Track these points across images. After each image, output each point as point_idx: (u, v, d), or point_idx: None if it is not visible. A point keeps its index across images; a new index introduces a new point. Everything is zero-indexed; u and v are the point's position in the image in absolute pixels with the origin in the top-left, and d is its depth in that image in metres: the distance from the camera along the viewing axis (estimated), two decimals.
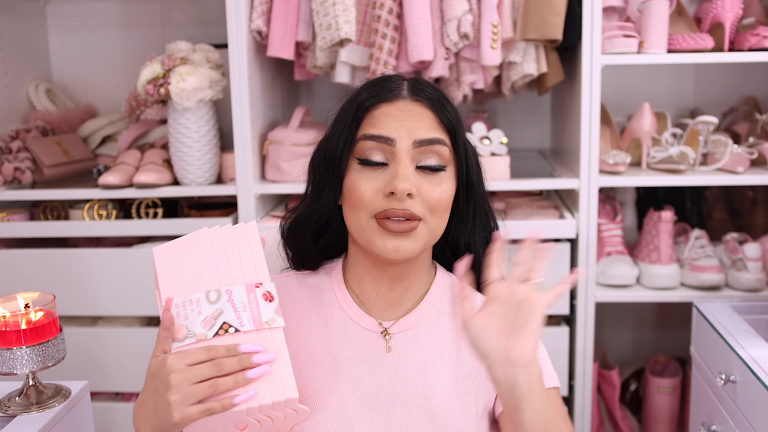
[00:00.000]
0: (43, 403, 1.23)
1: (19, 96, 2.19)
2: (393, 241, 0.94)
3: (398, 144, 0.95)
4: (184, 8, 2.27)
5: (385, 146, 0.95)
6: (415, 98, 0.98)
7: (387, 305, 1.03)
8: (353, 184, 0.96)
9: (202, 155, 1.87)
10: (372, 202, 0.94)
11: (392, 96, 0.98)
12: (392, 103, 0.98)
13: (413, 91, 0.99)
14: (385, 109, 0.97)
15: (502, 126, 2.26)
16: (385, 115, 0.97)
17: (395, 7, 1.79)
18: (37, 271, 1.89)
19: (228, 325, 0.88)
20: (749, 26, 1.84)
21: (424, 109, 0.98)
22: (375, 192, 0.94)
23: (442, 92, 1.01)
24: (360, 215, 0.96)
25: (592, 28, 1.73)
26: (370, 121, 0.97)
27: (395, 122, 0.96)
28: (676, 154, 1.86)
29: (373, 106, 0.98)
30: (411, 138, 0.95)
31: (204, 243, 0.93)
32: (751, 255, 1.80)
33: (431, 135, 0.96)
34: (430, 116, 0.98)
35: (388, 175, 0.94)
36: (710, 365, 1.60)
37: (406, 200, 0.93)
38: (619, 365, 2.16)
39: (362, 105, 0.98)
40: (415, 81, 1.01)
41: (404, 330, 1.02)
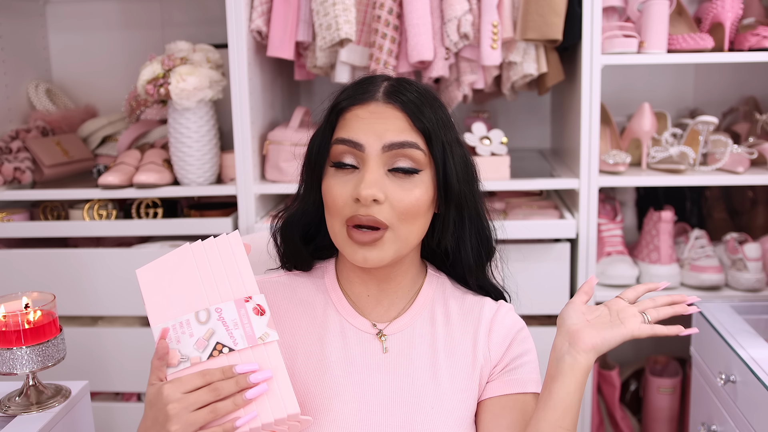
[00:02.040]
0: (43, 403, 1.23)
1: (19, 96, 2.19)
2: (361, 250, 0.94)
3: (367, 149, 0.94)
4: (184, 8, 2.27)
5: (355, 151, 0.94)
6: (388, 101, 0.96)
7: (378, 306, 1.03)
8: (327, 188, 0.96)
9: (202, 155, 1.87)
10: (343, 207, 0.94)
11: (365, 98, 0.97)
12: (364, 106, 0.96)
13: (388, 94, 0.97)
14: (357, 112, 0.96)
15: (502, 126, 2.26)
16: (355, 118, 0.96)
17: (395, 7, 1.79)
18: (37, 271, 1.89)
19: (221, 345, 0.86)
20: (749, 26, 1.84)
21: (396, 111, 0.96)
22: (346, 196, 0.94)
23: (425, 94, 0.98)
24: (334, 221, 0.96)
25: (592, 28, 1.73)
26: (343, 123, 0.97)
27: (365, 126, 0.95)
28: (676, 154, 1.86)
29: (345, 108, 0.97)
30: (380, 142, 0.94)
31: (187, 260, 0.90)
32: (751, 255, 1.80)
33: (401, 138, 0.94)
34: (402, 119, 0.95)
35: (357, 180, 0.94)
36: (710, 365, 1.60)
37: (371, 206, 0.92)
38: (619, 365, 2.16)
39: (335, 107, 0.98)
40: (395, 83, 0.99)
41: (399, 331, 1.02)
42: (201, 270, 0.90)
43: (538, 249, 1.82)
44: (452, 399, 0.98)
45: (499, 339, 1.03)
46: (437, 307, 1.05)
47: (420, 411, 0.96)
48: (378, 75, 1.02)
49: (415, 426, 0.95)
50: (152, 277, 0.90)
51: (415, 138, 0.95)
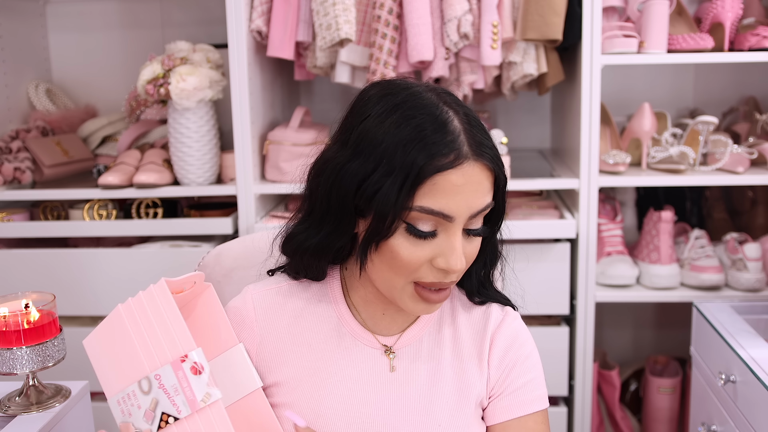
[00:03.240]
0: (43, 403, 1.23)
1: (19, 96, 2.19)
2: (427, 305, 0.91)
3: (456, 220, 0.85)
4: (184, 8, 2.27)
5: (440, 220, 0.85)
6: (478, 158, 0.85)
7: (393, 323, 1.00)
8: (398, 248, 0.86)
9: (202, 155, 1.87)
10: (416, 270, 0.88)
11: (456, 158, 0.83)
12: (458, 169, 0.83)
13: (475, 147, 0.85)
14: (451, 178, 0.83)
15: (502, 126, 2.26)
16: (449, 186, 0.83)
17: (395, 7, 1.79)
18: (37, 271, 1.89)
19: (167, 415, 0.82)
20: (749, 26, 1.84)
21: (485, 171, 0.86)
22: (421, 260, 0.87)
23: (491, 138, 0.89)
24: (397, 279, 0.89)
25: (592, 28, 1.73)
26: (431, 189, 0.83)
27: (458, 196, 0.84)
28: (676, 154, 1.86)
29: (436, 173, 0.83)
30: (470, 212, 0.86)
31: (122, 323, 0.86)
32: (751, 255, 1.80)
33: (486, 202, 0.87)
34: (489, 179, 0.87)
35: (438, 248, 0.86)
36: (710, 365, 1.60)
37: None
38: (619, 365, 2.16)
39: (423, 170, 0.83)
40: (471, 130, 0.86)
41: (406, 345, 0.99)
42: (135, 332, 0.85)
43: (538, 249, 1.82)
44: (461, 411, 0.96)
45: (500, 352, 1.00)
46: (445, 318, 1.02)
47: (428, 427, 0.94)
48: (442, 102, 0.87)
49: None
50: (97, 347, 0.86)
51: (491, 195, 0.88)
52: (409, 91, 0.88)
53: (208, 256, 1.32)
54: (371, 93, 0.91)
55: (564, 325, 1.89)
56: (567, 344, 1.86)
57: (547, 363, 1.86)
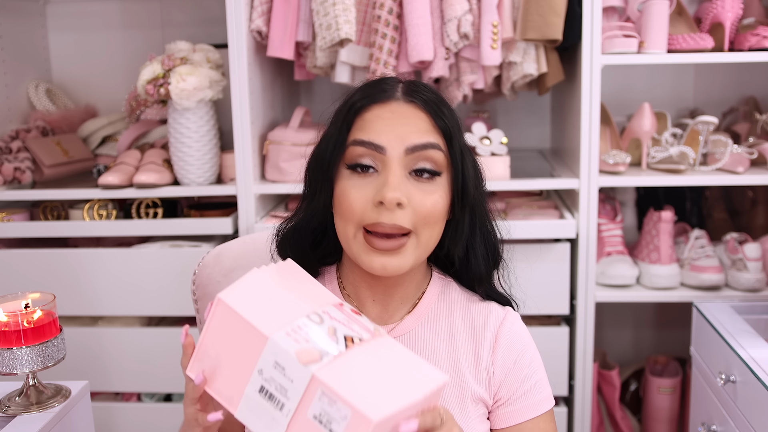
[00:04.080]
0: (43, 403, 1.23)
1: (19, 96, 2.19)
2: (380, 258, 0.90)
3: (389, 152, 0.90)
4: (184, 8, 2.27)
5: (375, 153, 0.90)
6: (409, 100, 0.94)
7: (384, 311, 1.01)
8: (342, 191, 0.92)
9: (202, 155, 1.87)
10: (361, 212, 0.90)
11: (385, 97, 0.94)
12: (384, 105, 0.93)
13: (408, 93, 0.94)
14: (377, 112, 0.93)
15: (502, 126, 2.26)
16: (376, 118, 0.92)
17: (395, 7, 1.79)
18: (37, 271, 1.89)
19: (350, 338, 0.82)
20: (749, 26, 1.84)
21: (419, 111, 0.93)
22: (364, 201, 0.90)
23: (439, 95, 0.96)
24: (348, 226, 0.92)
25: (592, 28, 1.73)
26: (361, 124, 0.93)
27: (387, 127, 0.91)
28: (676, 154, 1.86)
29: (364, 107, 0.93)
30: (403, 144, 0.90)
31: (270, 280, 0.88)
32: (751, 255, 1.80)
33: (425, 139, 0.91)
34: (425, 119, 0.93)
35: (378, 184, 0.90)
36: (710, 365, 1.60)
37: (395, 211, 0.88)
38: (619, 365, 2.16)
39: (353, 106, 0.94)
40: (411, 83, 0.97)
41: (400, 335, 0.99)
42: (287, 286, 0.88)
43: (538, 249, 1.82)
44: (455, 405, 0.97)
45: (504, 354, 0.99)
46: (441, 311, 1.02)
47: None
48: (389, 77, 0.99)
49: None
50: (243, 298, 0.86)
51: (437, 139, 0.92)
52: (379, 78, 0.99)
53: (208, 256, 1.32)
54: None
55: (564, 325, 1.89)
56: (567, 344, 1.86)
57: (547, 363, 1.85)
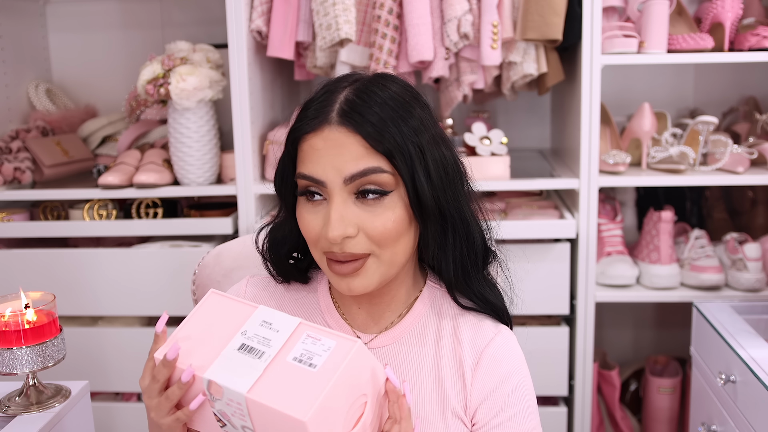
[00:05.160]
0: (43, 403, 1.23)
1: (19, 96, 2.19)
2: (344, 280, 0.88)
3: (329, 184, 0.85)
4: (184, 8, 2.27)
5: (319, 186, 0.86)
6: (342, 124, 0.85)
7: (369, 319, 0.98)
8: (300, 218, 0.90)
9: (202, 155, 1.87)
10: (317, 240, 0.88)
11: (318, 123, 0.86)
12: (318, 133, 0.86)
13: (343, 114, 0.86)
14: (311, 141, 0.86)
15: (502, 126, 2.26)
16: (311, 150, 0.86)
17: (395, 7, 1.79)
18: (37, 271, 1.89)
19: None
20: (749, 26, 1.84)
21: (352, 136, 0.85)
22: (319, 229, 0.87)
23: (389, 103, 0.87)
24: (314, 249, 0.91)
25: (592, 28, 1.73)
26: (301, 155, 0.88)
27: (322, 159, 0.85)
28: (676, 154, 1.86)
29: (300, 138, 0.88)
30: (340, 175, 0.85)
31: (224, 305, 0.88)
32: (751, 255, 1.80)
33: (362, 166, 0.85)
34: (361, 145, 0.85)
35: (325, 215, 0.87)
36: (710, 365, 1.60)
37: (344, 243, 0.86)
38: (619, 365, 2.16)
39: (291, 136, 0.89)
40: (353, 96, 0.87)
41: (385, 345, 0.96)
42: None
43: (538, 249, 1.82)
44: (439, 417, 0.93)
45: (484, 378, 0.94)
46: (430, 322, 0.97)
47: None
48: (341, 81, 0.91)
49: None
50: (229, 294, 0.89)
51: (376, 161, 0.85)
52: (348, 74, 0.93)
53: (208, 256, 1.32)
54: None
55: (564, 325, 1.89)
56: (567, 344, 1.86)
57: (547, 363, 1.87)
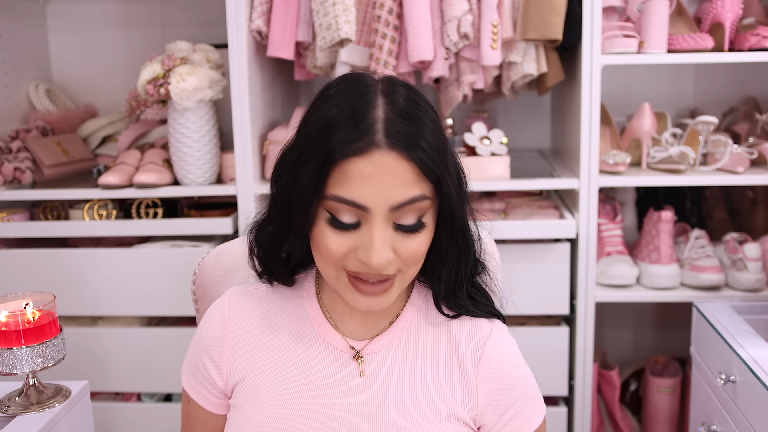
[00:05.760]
0: (43, 403, 1.23)
1: (19, 96, 2.19)
2: (366, 299, 0.86)
3: (373, 211, 0.80)
4: (184, 8, 2.27)
5: (358, 211, 0.81)
6: (392, 147, 0.80)
7: (362, 326, 0.95)
8: (321, 238, 0.84)
9: (202, 155, 1.87)
10: (342, 260, 0.84)
11: (365, 145, 0.79)
12: (365, 157, 0.79)
13: (390, 136, 0.80)
14: (358, 166, 0.79)
15: (502, 126, 2.26)
16: (357, 175, 0.79)
17: (395, 7, 1.79)
18: (37, 271, 1.89)
19: None
20: (749, 26, 1.84)
21: (404, 162, 0.80)
22: (346, 250, 0.83)
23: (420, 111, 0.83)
24: (329, 267, 0.86)
25: (592, 28, 1.73)
26: (340, 177, 0.80)
27: (369, 184, 0.79)
28: (676, 154, 1.86)
29: (342, 159, 0.80)
30: (388, 203, 0.80)
31: None
32: (751, 255, 1.80)
33: (411, 194, 0.81)
34: (411, 171, 0.80)
35: (362, 239, 0.82)
36: (710, 365, 1.60)
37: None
38: (619, 365, 2.16)
39: (331, 156, 0.80)
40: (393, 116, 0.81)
41: (378, 351, 0.94)
42: None
43: (538, 249, 1.82)
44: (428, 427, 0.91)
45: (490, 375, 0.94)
46: (422, 323, 0.96)
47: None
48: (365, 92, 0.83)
49: None
50: None
51: (423, 189, 0.82)
52: (358, 81, 0.85)
53: (208, 256, 1.31)
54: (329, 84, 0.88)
55: (564, 325, 1.89)
56: (567, 344, 1.86)
57: (547, 363, 1.87)
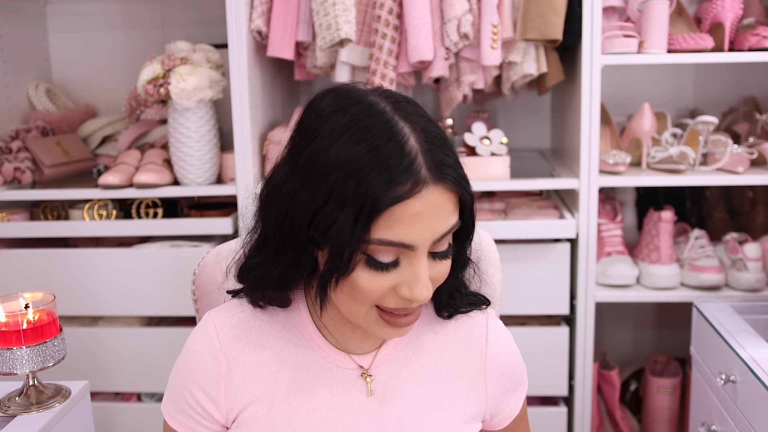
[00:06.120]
0: (43, 403, 1.23)
1: (19, 96, 2.19)
2: (396, 330, 0.85)
3: (419, 248, 0.78)
4: (184, 8, 2.27)
5: (402, 250, 0.78)
6: (437, 181, 0.77)
7: (365, 340, 0.93)
8: (359, 281, 0.80)
9: (202, 155, 1.87)
10: (379, 299, 0.81)
11: (415, 185, 0.76)
12: (417, 197, 0.76)
13: (434, 169, 0.77)
14: (408, 207, 0.76)
15: (502, 126, 2.26)
16: (407, 215, 0.76)
17: (395, 7, 1.79)
18: (37, 271, 1.89)
19: None
20: (749, 26, 1.84)
21: (447, 193, 0.78)
22: (384, 291, 0.80)
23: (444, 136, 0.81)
24: (360, 307, 0.83)
25: (592, 28, 1.73)
26: (388, 220, 0.76)
27: (418, 224, 0.77)
28: (676, 154, 1.86)
29: (394, 204, 0.75)
30: (432, 237, 0.78)
31: None
32: (751, 255, 1.80)
33: (451, 224, 0.80)
34: (452, 201, 0.79)
35: (403, 276, 0.80)
36: (710, 365, 1.60)
37: None
38: (619, 365, 2.16)
39: (378, 202, 0.75)
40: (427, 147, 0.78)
41: (383, 362, 0.93)
42: None
43: (538, 249, 1.82)
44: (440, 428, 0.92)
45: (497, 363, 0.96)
46: (422, 328, 0.95)
47: None
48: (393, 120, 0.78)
49: None
50: None
51: (457, 215, 0.81)
52: (362, 104, 0.79)
53: (208, 256, 1.31)
54: (321, 107, 0.82)
55: (564, 325, 1.89)
56: (567, 344, 1.86)
57: (547, 363, 1.87)
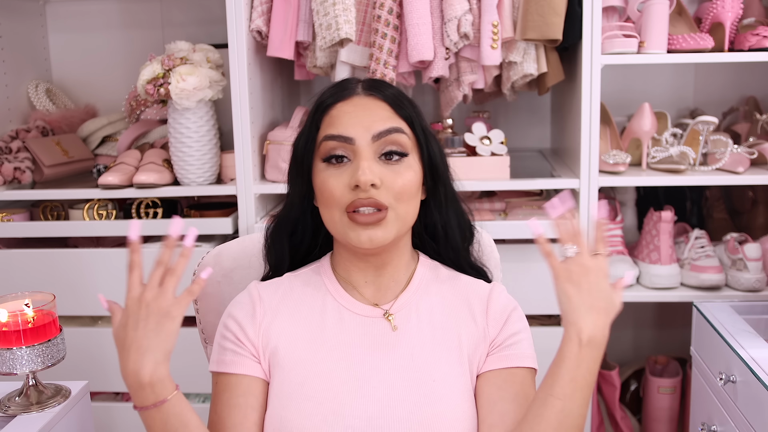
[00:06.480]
0: (43, 403, 1.23)
1: (19, 96, 2.19)
2: (365, 231, 0.99)
3: (357, 142, 1.00)
4: (184, 8, 2.27)
5: (346, 145, 1.00)
6: (369, 93, 1.04)
7: (377, 291, 1.08)
8: (322, 182, 1.02)
9: (202, 155, 1.87)
10: (341, 196, 0.99)
11: (348, 94, 1.04)
12: (348, 100, 1.03)
13: (368, 88, 1.05)
14: (342, 107, 1.03)
15: (502, 126, 2.25)
16: (342, 114, 1.02)
17: (395, 7, 1.79)
18: (37, 271, 1.89)
19: None
20: (749, 26, 1.85)
21: (379, 102, 1.04)
22: (342, 187, 0.99)
23: (398, 90, 1.07)
24: (333, 211, 1.01)
25: (592, 28, 1.73)
26: (329, 121, 1.03)
27: (352, 119, 1.01)
28: (676, 154, 1.86)
29: (330, 105, 1.04)
30: (369, 133, 1.00)
31: None
32: (751, 255, 1.80)
33: (388, 125, 1.01)
34: (386, 108, 1.03)
35: (352, 170, 0.99)
36: (710, 365, 1.60)
37: (370, 190, 0.98)
38: (619, 365, 2.16)
39: (320, 106, 1.05)
40: (370, 80, 1.08)
41: (402, 308, 1.07)
42: None
43: (538, 249, 1.81)
44: (453, 372, 1.02)
45: (496, 316, 1.07)
46: (432, 286, 1.10)
47: (424, 385, 1.00)
48: (351, 78, 1.10)
49: (421, 399, 0.99)
50: None
51: (399, 124, 1.03)
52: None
53: (208, 256, 1.32)
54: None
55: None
56: None
57: (547, 363, 1.87)
